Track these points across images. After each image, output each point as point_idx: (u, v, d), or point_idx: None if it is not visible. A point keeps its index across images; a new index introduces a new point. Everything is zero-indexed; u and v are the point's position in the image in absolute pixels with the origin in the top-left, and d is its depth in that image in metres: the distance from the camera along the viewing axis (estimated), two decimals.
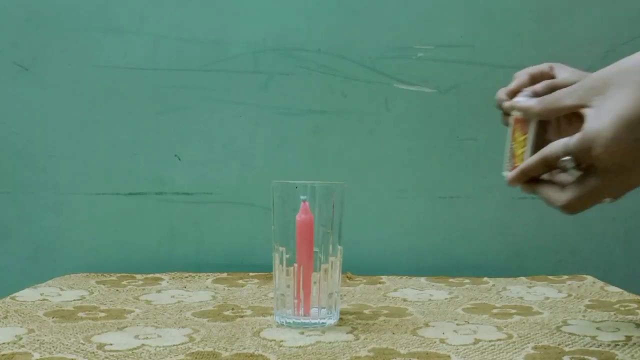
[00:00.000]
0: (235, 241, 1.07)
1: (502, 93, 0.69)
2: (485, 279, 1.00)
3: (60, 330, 0.68)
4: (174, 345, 0.63)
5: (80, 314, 0.75)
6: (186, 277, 0.98)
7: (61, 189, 1.06)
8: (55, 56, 1.05)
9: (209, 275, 0.99)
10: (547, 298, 0.87)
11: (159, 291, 0.89)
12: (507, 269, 1.06)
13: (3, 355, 0.60)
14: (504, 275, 1.02)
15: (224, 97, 1.06)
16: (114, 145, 1.06)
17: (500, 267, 1.06)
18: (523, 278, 1.00)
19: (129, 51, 1.05)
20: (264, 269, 1.02)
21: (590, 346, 0.64)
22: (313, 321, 0.70)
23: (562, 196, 0.64)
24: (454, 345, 0.64)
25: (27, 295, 0.84)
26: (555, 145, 0.61)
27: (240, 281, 0.96)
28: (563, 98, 0.62)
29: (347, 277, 0.98)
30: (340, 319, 0.73)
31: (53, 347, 0.63)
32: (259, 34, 1.05)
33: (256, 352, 0.61)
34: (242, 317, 0.75)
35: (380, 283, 0.96)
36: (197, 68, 1.05)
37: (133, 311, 0.77)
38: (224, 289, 0.91)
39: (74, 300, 0.83)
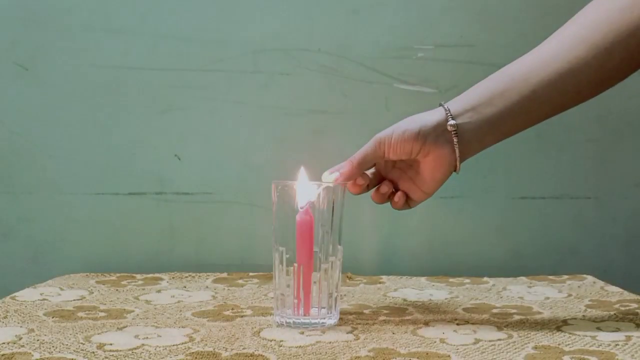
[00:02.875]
0: (235, 241, 1.07)
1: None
2: (485, 278, 1.00)
3: (60, 330, 0.68)
4: (173, 345, 0.63)
5: (80, 314, 0.75)
6: (186, 277, 0.98)
7: (61, 189, 1.06)
8: (55, 56, 1.05)
9: (208, 275, 0.99)
10: (547, 298, 0.87)
11: (158, 291, 0.89)
12: (507, 269, 1.06)
13: (3, 355, 0.60)
14: (504, 275, 1.02)
15: (224, 97, 1.06)
16: (114, 145, 1.06)
17: (500, 267, 1.06)
18: (523, 278, 1.00)
19: (129, 51, 1.05)
20: (264, 269, 1.02)
21: (590, 346, 0.64)
22: (313, 321, 0.70)
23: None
24: (454, 345, 0.64)
25: (27, 295, 0.84)
26: None
27: (240, 281, 0.96)
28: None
29: (347, 277, 0.98)
30: (340, 319, 0.73)
31: (53, 347, 0.63)
32: (259, 34, 1.05)
33: (256, 352, 0.61)
34: (242, 317, 0.75)
35: (380, 283, 0.96)
36: (197, 68, 1.05)
37: (133, 311, 0.77)
38: (224, 289, 0.91)
39: (74, 300, 0.83)
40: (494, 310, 0.79)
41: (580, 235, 1.09)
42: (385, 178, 0.77)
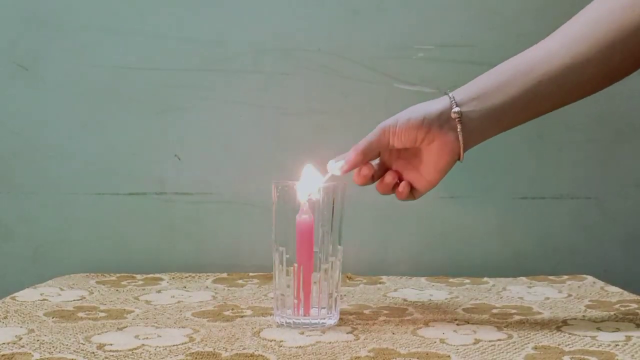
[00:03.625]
0: (235, 241, 1.07)
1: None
2: (485, 279, 1.00)
3: (60, 330, 0.68)
4: (174, 346, 0.63)
5: (80, 314, 0.75)
6: (186, 277, 0.98)
7: (61, 189, 1.06)
8: (55, 56, 1.05)
9: (209, 275, 0.99)
10: (547, 298, 0.87)
11: (159, 291, 0.89)
12: (507, 269, 1.05)
13: (3, 355, 0.60)
14: (504, 275, 1.02)
15: (224, 97, 1.06)
16: (114, 145, 1.06)
17: (500, 267, 1.06)
18: (523, 278, 1.00)
19: (129, 51, 1.05)
20: (264, 269, 1.02)
21: (590, 346, 0.64)
22: (313, 321, 0.70)
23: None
24: (454, 345, 0.64)
25: (27, 295, 0.84)
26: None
27: (240, 281, 0.96)
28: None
29: (347, 277, 0.98)
30: (340, 319, 0.73)
31: (53, 347, 0.63)
32: (259, 34, 1.05)
33: (256, 352, 0.61)
34: (242, 317, 0.75)
35: (380, 283, 0.96)
36: (197, 68, 1.05)
37: (133, 311, 0.77)
38: (224, 289, 0.91)
39: (74, 300, 0.83)
40: (494, 311, 0.79)
41: (580, 235, 1.09)
42: (389, 169, 0.77)
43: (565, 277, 1.01)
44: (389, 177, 0.76)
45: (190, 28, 1.05)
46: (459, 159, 0.74)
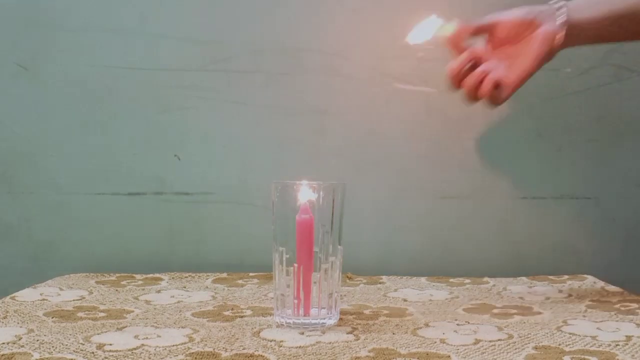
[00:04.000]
0: (235, 241, 1.07)
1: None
2: (485, 279, 1.00)
3: (60, 330, 0.68)
4: (173, 346, 0.63)
5: (80, 314, 0.75)
6: (186, 277, 0.98)
7: (61, 189, 1.06)
8: (55, 56, 1.05)
9: (208, 275, 0.99)
10: (548, 298, 0.87)
11: (158, 291, 0.89)
12: (508, 268, 1.05)
13: (3, 355, 0.60)
14: (504, 275, 1.02)
15: (224, 97, 1.06)
16: (114, 145, 1.06)
17: (500, 267, 1.06)
18: (523, 278, 1.00)
19: (129, 51, 1.05)
20: (264, 269, 1.02)
21: (591, 346, 0.64)
22: (313, 321, 0.70)
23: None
24: (454, 346, 0.64)
25: (27, 295, 0.84)
26: None
27: (240, 281, 0.96)
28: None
29: (347, 277, 0.98)
30: (340, 319, 0.73)
31: (53, 347, 0.63)
32: (259, 34, 1.05)
33: (256, 352, 0.61)
34: (242, 317, 0.75)
35: (380, 283, 0.96)
36: (197, 68, 1.05)
37: (132, 311, 0.77)
38: (224, 289, 0.91)
39: (74, 300, 0.83)
40: (494, 311, 0.79)
41: (580, 235, 1.09)
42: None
43: (566, 277, 1.00)
44: (479, 70, 0.81)
45: (190, 28, 1.05)
46: (553, 50, 0.79)
